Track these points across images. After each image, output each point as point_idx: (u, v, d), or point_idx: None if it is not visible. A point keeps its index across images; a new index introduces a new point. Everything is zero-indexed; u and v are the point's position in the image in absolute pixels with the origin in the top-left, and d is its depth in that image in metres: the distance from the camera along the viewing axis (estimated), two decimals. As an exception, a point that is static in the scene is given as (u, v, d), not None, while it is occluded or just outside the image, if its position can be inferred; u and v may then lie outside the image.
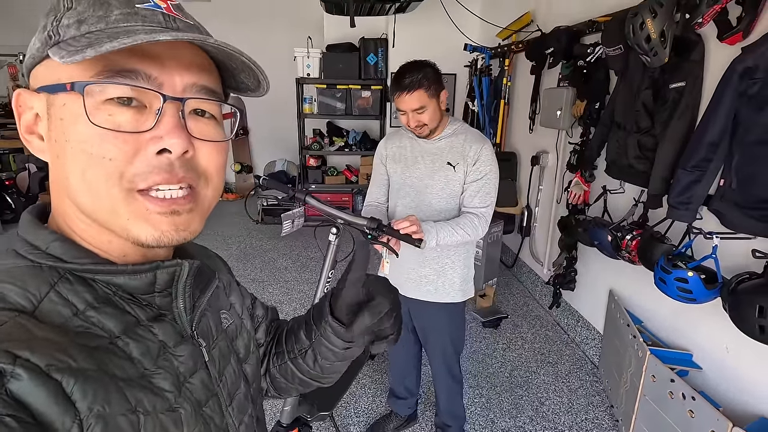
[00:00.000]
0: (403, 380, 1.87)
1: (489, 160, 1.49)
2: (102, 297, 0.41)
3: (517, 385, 2.35)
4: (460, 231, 1.43)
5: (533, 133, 3.22)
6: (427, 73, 1.41)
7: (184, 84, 0.40)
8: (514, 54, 3.45)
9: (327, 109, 4.63)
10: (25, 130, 0.41)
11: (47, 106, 0.39)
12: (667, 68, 1.79)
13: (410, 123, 1.47)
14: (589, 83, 2.35)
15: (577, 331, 2.72)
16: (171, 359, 0.43)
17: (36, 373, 0.31)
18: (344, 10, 3.61)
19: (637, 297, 2.17)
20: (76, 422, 0.32)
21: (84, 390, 0.33)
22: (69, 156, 0.38)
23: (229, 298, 0.60)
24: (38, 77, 0.40)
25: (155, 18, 0.39)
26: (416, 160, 1.57)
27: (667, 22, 1.72)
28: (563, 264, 2.68)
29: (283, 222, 1.54)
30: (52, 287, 0.38)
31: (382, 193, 1.68)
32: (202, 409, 0.45)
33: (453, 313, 1.63)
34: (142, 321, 0.42)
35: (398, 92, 1.42)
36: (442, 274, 1.58)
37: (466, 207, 1.51)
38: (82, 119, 0.37)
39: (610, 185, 2.24)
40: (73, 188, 0.39)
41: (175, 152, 0.39)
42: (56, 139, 0.39)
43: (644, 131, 1.91)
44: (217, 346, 0.52)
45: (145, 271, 0.43)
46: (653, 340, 1.95)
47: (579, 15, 2.54)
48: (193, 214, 0.43)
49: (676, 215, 1.67)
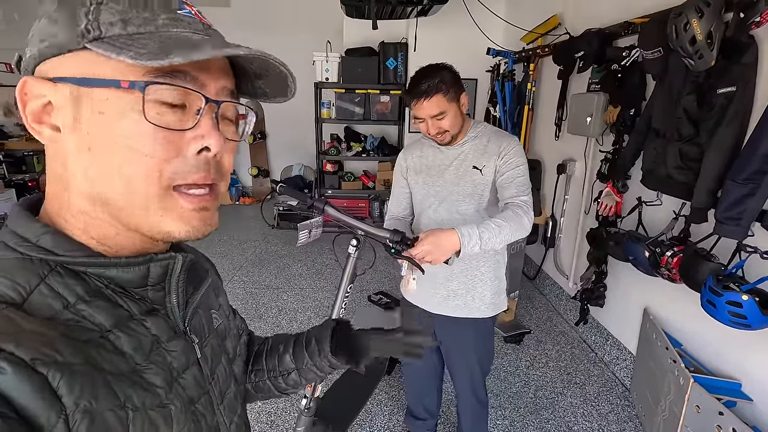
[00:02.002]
0: (423, 400, 1.76)
1: (518, 153, 1.39)
2: (94, 290, 0.40)
3: (542, 407, 2.22)
4: (505, 226, 1.21)
5: (559, 140, 3.08)
6: (444, 77, 1.31)
7: (218, 87, 0.42)
8: (540, 58, 3.33)
9: (345, 113, 4.58)
10: (33, 119, 0.40)
11: (74, 97, 0.38)
12: (714, 72, 1.65)
13: (430, 131, 1.37)
14: (624, 88, 2.21)
15: (606, 350, 2.56)
16: (164, 354, 0.43)
17: (21, 366, 0.30)
18: (365, 13, 3.55)
19: (675, 318, 2.02)
20: (62, 417, 0.31)
21: (71, 385, 0.32)
22: (107, 150, 0.38)
23: (218, 299, 0.61)
24: (59, 68, 0.38)
25: (197, 26, 0.41)
26: (440, 169, 1.46)
27: (715, 23, 1.59)
28: (592, 278, 2.53)
29: (300, 232, 1.46)
30: (42, 280, 0.38)
31: (403, 207, 1.59)
32: (194, 405, 0.45)
33: (481, 329, 1.52)
34: (134, 315, 0.42)
35: (415, 99, 1.33)
36: (472, 288, 1.47)
37: (503, 199, 1.39)
38: (130, 116, 0.37)
39: (646, 196, 2.10)
40: (107, 182, 0.39)
41: (214, 151, 0.41)
42: (89, 131, 0.38)
43: (686, 139, 1.77)
44: (209, 344, 0.52)
45: (138, 263, 0.43)
46: (695, 366, 1.80)
47: (611, 17, 2.42)
48: (214, 209, 0.45)
49: (725, 231, 1.53)
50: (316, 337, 0.72)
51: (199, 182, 0.41)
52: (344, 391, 1.94)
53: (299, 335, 0.74)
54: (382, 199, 5.09)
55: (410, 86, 1.34)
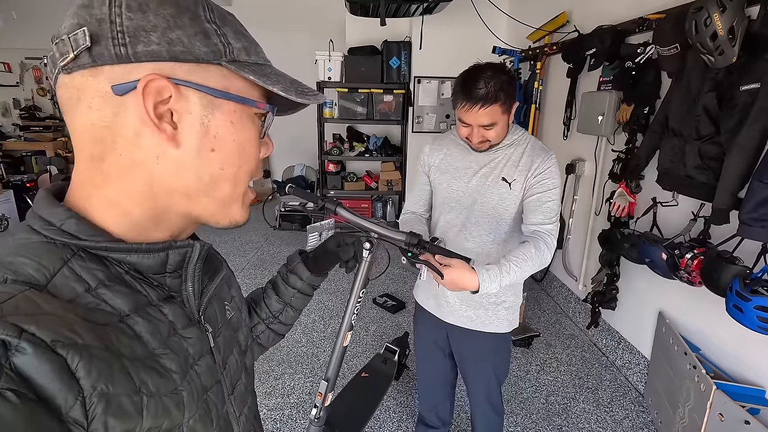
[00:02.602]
0: (435, 408, 1.70)
1: (553, 173, 1.27)
2: (114, 275, 0.41)
3: (554, 413, 2.16)
4: (527, 267, 1.16)
5: (568, 139, 3.03)
6: (504, 83, 1.17)
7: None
8: (547, 56, 3.28)
9: (348, 113, 4.52)
10: (155, 114, 0.41)
11: (204, 104, 0.43)
12: (735, 69, 1.60)
13: (472, 138, 1.25)
14: (638, 86, 2.16)
15: (618, 353, 2.51)
16: (180, 340, 0.44)
17: (41, 347, 0.31)
18: (369, 11, 3.49)
19: (692, 321, 1.97)
20: (79, 399, 0.32)
21: (89, 368, 0.33)
22: (228, 152, 0.45)
23: (230, 291, 0.62)
24: (189, 75, 0.41)
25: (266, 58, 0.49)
26: (467, 173, 1.35)
27: (738, 17, 1.54)
28: (603, 281, 2.48)
29: (309, 235, 1.39)
30: (65, 263, 0.39)
31: (422, 204, 1.50)
32: (206, 394, 0.46)
33: (500, 343, 1.45)
34: (152, 301, 0.43)
35: (468, 103, 1.18)
36: (488, 304, 1.39)
37: (527, 223, 1.29)
38: (248, 127, 0.46)
39: (661, 197, 2.05)
40: (224, 178, 0.46)
41: (267, 155, 0.52)
42: (217, 135, 0.44)
43: (706, 138, 1.72)
44: (221, 334, 0.54)
45: (158, 250, 0.44)
46: (715, 372, 1.74)
47: (623, 13, 2.37)
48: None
49: (750, 233, 1.48)
50: (291, 269, 0.84)
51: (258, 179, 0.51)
52: (353, 398, 1.88)
53: (273, 280, 0.86)
54: (385, 200, 5.03)
55: (463, 85, 1.19)
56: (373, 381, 2.01)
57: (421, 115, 4.52)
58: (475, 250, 1.35)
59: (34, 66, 5.71)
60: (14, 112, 5.80)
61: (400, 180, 4.78)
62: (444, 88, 4.45)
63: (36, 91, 5.80)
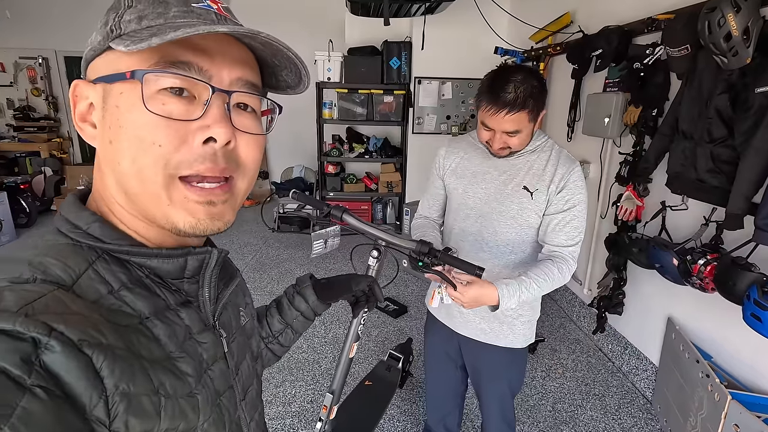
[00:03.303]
0: (444, 419, 1.65)
1: (579, 187, 1.20)
2: (135, 278, 0.42)
3: (562, 421, 2.12)
4: (547, 286, 1.13)
5: (572, 141, 2.99)
6: (535, 90, 1.09)
7: (231, 78, 0.42)
8: (551, 57, 3.24)
9: (347, 114, 4.47)
10: (79, 118, 0.43)
11: (103, 95, 0.41)
12: (750, 70, 1.56)
13: (493, 144, 1.17)
14: (646, 88, 2.12)
15: (625, 359, 2.47)
16: (195, 345, 0.45)
17: (69, 346, 0.31)
18: (370, 11, 3.45)
19: (703, 328, 1.93)
20: (102, 398, 0.32)
21: (112, 367, 0.33)
22: (122, 141, 0.40)
23: (245, 298, 0.62)
24: (97, 69, 0.42)
25: (209, 16, 0.42)
26: (484, 178, 1.27)
27: (753, 18, 1.50)
28: (610, 285, 2.44)
29: (314, 242, 1.35)
30: (90, 265, 0.39)
31: (436, 209, 1.44)
32: (219, 398, 0.46)
33: (516, 357, 1.39)
34: (170, 305, 0.44)
35: (494, 107, 1.09)
36: (503, 317, 1.33)
37: (548, 243, 1.22)
38: (137, 107, 0.39)
39: (670, 200, 2.01)
40: (124, 173, 0.40)
41: (220, 141, 0.41)
42: (110, 125, 0.40)
43: (719, 141, 1.68)
44: (235, 340, 0.54)
45: (177, 255, 0.44)
46: (728, 381, 1.70)
47: (630, 13, 2.33)
48: (227, 205, 0.44)
49: (766, 239, 1.44)
50: (298, 290, 0.82)
51: (206, 173, 0.41)
52: (357, 408, 1.83)
53: (278, 299, 0.83)
54: (385, 202, 4.98)
55: (492, 87, 1.10)
56: (376, 389, 1.96)
57: (421, 116, 4.48)
58: (491, 261, 1.29)
59: (28, 66, 5.62)
60: (8, 113, 5.71)
61: (401, 181, 4.73)
62: (444, 89, 4.40)
63: (30, 91, 5.72)
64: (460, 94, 4.43)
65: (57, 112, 5.84)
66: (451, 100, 4.45)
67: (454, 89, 4.41)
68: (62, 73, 5.73)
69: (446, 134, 4.50)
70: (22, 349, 0.29)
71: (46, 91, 5.71)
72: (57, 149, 5.63)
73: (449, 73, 4.35)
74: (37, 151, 5.46)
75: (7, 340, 0.29)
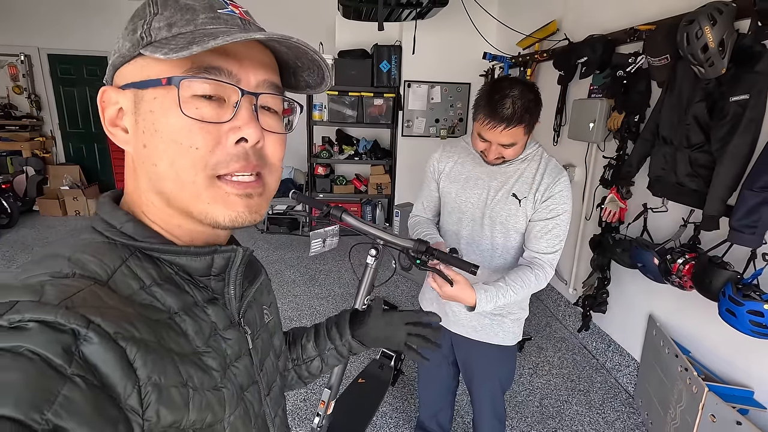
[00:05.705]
0: (436, 415, 1.70)
1: (564, 197, 1.23)
2: (165, 275, 0.44)
3: (548, 416, 2.19)
4: (523, 293, 1.18)
5: (558, 145, 3.08)
6: (531, 104, 1.12)
7: (257, 80, 0.44)
8: (537, 63, 3.33)
9: (337, 116, 4.50)
10: (110, 123, 0.45)
11: (135, 100, 0.42)
12: (725, 80, 1.65)
13: (489, 155, 1.21)
14: (629, 95, 2.21)
15: (608, 356, 2.56)
16: (220, 341, 0.46)
17: (105, 338, 0.33)
18: (362, 15, 3.49)
19: (682, 324, 2.02)
20: (136, 388, 0.34)
21: (144, 359, 0.35)
22: (158, 145, 0.41)
23: (269, 296, 0.64)
24: (126, 75, 0.43)
25: (235, 22, 0.44)
26: (476, 183, 1.32)
27: (728, 31, 1.60)
28: (594, 284, 2.53)
29: (312, 241, 1.38)
30: (123, 262, 0.42)
31: (430, 210, 1.48)
32: (243, 393, 0.48)
33: (506, 354, 1.45)
34: (198, 301, 0.46)
35: (492, 122, 1.12)
36: (493, 315, 1.38)
37: (529, 249, 1.27)
38: (173, 111, 0.40)
39: (651, 203, 2.10)
40: (161, 175, 0.42)
41: (251, 141, 0.43)
42: (144, 129, 0.42)
43: (696, 147, 1.77)
44: (259, 337, 0.55)
45: (205, 253, 0.46)
46: (705, 374, 1.79)
47: (613, 23, 2.43)
48: (262, 198, 0.46)
49: (740, 239, 1.53)
50: (336, 323, 0.81)
51: (241, 171, 0.43)
52: (351, 405, 1.87)
53: (318, 325, 0.82)
54: (374, 203, 5.02)
55: (489, 100, 1.12)
56: (369, 387, 2.00)
57: (410, 119, 4.54)
58: (483, 264, 1.34)
59: (9, 63, 5.50)
60: (-12, 111, 5.57)
61: (390, 183, 4.78)
62: (434, 93, 4.47)
63: (12, 89, 5.58)
64: (449, 98, 4.51)
65: (40, 111, 5.72)
66: (440, 104, 4.52)
67: (443, 93, 4.48)
68: (45, 71, 5.62)
69: (435, 137, 4.57)
70: (62, 340, 0.31)
71: (29, 89, 5.59)
72: (39, 148, 5.51)
73: (438, 77, 4.42)
74: (18, 150, 5.33)
75: (49, 331, 0.31)
